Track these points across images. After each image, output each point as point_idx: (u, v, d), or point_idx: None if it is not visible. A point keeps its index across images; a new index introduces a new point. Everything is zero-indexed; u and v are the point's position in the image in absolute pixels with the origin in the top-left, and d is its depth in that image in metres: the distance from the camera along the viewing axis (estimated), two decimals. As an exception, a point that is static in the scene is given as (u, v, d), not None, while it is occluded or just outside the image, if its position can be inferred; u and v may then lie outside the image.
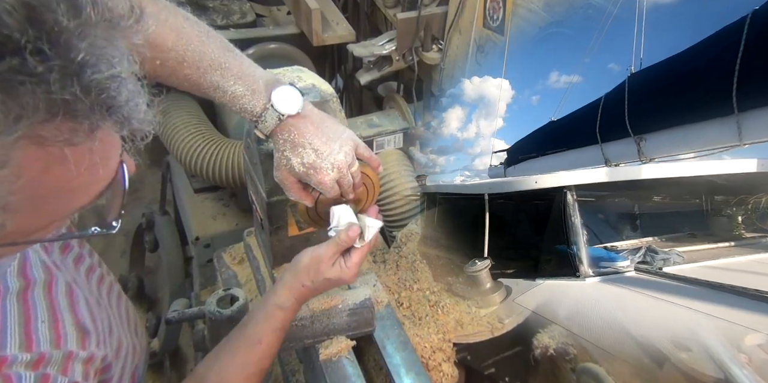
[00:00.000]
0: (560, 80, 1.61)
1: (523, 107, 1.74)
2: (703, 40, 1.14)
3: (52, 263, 0.72)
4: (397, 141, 2.05)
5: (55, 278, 0.70)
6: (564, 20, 1.49)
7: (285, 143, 0.87)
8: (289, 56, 2.03)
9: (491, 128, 1.85)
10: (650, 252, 1.43)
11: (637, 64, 1.35)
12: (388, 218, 1.96)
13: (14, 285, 0.65)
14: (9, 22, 0.33)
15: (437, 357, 1.34)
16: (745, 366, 1.01)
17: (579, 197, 1.45)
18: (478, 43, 1.75)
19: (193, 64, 0.80)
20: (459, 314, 1.46)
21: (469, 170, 1.96)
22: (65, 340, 0.65)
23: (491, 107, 1.79)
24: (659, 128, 1.29)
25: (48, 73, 0.35)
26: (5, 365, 0.56)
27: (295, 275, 0.92)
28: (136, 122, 0.43)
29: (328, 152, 0.86)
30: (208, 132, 2.07)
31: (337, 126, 0.91)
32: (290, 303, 0.91)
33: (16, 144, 0.37)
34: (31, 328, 0.62)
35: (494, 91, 1.76)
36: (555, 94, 1.64)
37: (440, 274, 1.59)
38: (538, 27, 1.53)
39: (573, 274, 1.40)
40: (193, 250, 2.15)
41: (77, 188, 0.46)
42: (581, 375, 1.35)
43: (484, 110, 1.83)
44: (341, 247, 0.91)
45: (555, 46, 1.56)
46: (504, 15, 1.61)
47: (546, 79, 1.64)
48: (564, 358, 1.41)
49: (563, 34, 1.51)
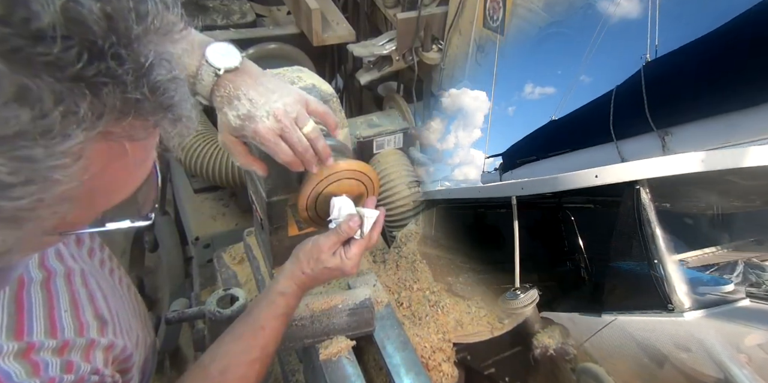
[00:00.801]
0: (535, 92, 1.63)
1: (500, 117, 1.78)
2: (744, 13, 0.98)
3: (69, 255, 0.74)
4: (397, 141, 2.05)
5: (72, 270, 0.72)
6: (564, 20, 1.49)
7: (222, 101, 0.84)
8: (289, 56, 2.03)
9: (470, 138, 1.88)
10: (753, 269, 1.09)
11: (652, 52, 1.21)
12: (388, 218, 1.96)
13: (37, 276, 0.67)
14: (96, 30, 0.38)
15: (437, 357, 1.34)
16: (745, 366, 1.00)
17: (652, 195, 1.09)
18: (478, 43, 1.75)
19: None
20: (459, 314, 1.46)
21: (449, 181, 1.96)
22: (87, 328, 0.67)
23: (469, 118, 1.81)
24: (690, 119, 1.10)
25: (125, 75, 0.40)
26: (33, 351, 0.59)
27: (296, 264, 0.94)
28: (185, 119, 0.48)
29: (263, 101, 0.83)
30: (208, 132, 2.07)
31: (281, 82, 0.88)
32: (291, 289, 0.93)
33: (92, 139, 0.41)
34: (55, 316, 0.64)
35: (472, 103, 1.78)
36: (530, 105, 1.66)
37: (440, 274, 1.58)
38: (537, 27, 1.53)
39: (662, 306, 1.03)
40: (193, 250, 2.14)
41: (128, 182, 0.50)
42: (581, 375, 1.35)
43: (462, 121, 1.86)
44: (342, 237, 0.92)
45: (555, 46, 1.56)
46: (504, 15, 1.61)
47: (521, 91, 1.67)
48: (564, 358, 1.41)
49: (563, 34, 1.51)
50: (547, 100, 1.61)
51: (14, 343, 0.58)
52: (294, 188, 1.08)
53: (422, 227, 1.80)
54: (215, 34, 2.10)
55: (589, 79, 1.46)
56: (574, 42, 1.50)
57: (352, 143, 1.86)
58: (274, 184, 1.15)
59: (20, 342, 0.59)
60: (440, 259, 1.67)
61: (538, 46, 1.58)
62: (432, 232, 1.79)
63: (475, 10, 1.71)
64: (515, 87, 1.71)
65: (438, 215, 1.86)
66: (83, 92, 0.38)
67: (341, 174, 0.95)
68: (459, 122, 1.86)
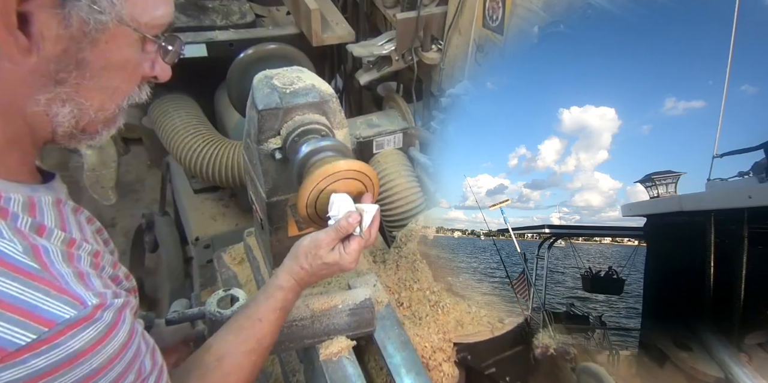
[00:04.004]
0: (678, 106, 1.38)
1: (632, 137, 1.53)
2: None
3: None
4: (397, 141, 2.05)
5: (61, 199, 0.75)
6: (563, 20, 1.48)
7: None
8: (288, 57, 2.03)
9: (594, 160, 1.66)
10: None
11: None
12: (388, 218, 1.96)
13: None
14: None
15: (437, 357, 1.34)
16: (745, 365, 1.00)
17: None
18: (477, 43, 1.75)
19: None
20: (459, 314, 1.46)
21: (568, 207, 1.76)
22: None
23: (593, 138, 1.61)
24: None
25: None
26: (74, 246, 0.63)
27: (294, 259, 0.96)
28: None
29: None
30: (207, 133, 2.07)
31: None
32: (290, 283, 0.95)
33: None
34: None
35: (596, 121, 1.57)
36: (672, 122, 1.40)
37: (440, 274, 1.58)
38: (537, 27, 1.53)
39: None
40: (193, 250, 2.15)
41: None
42: (581, 375, 1.35)
43: (584, 142, 1.66)
44: (340, 233, 0.93)
45: (554, 46, 1.54)
46: (503, 15, 1.61)
47: (660, 106, 1.42)
48: (564, 358, 1.41)
49: (562, 33, 1.50)
50: (694, 115, 1.35)
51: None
52: (294, 188, 1.08)
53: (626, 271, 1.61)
54: (215, 34, 2.10)
55: (755, 89, 1.19)
56: (573, 42, 1.48)
57: (352, 143, 1.86)
58: (274, 184, 1.15)
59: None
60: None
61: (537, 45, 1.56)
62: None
63: (475, 10, 1.72)
64: (652, 101, 1.47)
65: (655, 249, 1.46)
66: None
67: (341, 174, 0.95)
68: (581, 143, 1.67)
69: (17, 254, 0.54)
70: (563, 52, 1.52)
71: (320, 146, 1.00)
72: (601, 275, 1.89)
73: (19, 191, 0.62)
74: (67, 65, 0.61)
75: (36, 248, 0.56)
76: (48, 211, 0.64)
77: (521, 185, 1.82)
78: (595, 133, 1.58)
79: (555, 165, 1.73)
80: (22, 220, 0.59)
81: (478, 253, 2.15)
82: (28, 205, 0.62)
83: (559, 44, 1.49)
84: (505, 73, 1.70)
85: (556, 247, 1.96)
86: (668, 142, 1.46)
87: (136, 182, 3.49)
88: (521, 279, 1.73)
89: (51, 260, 0.56)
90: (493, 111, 1.79)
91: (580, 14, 1.44)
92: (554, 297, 1.91)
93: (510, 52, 1.63)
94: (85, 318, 0.55)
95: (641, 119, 1.50)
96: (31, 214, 0.61)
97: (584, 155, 1.66)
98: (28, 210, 0.61)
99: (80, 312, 0.54)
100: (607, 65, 1.50)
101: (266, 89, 1.07)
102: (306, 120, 1.07)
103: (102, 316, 0.57)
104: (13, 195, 0.61)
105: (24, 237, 0.56)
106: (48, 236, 0.60)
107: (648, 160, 1.52)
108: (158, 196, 2.62)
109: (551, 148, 1.72)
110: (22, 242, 0.56)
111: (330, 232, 0.93)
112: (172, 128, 2.06)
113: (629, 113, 1.51)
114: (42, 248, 0.57)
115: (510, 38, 1.62)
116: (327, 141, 1.01)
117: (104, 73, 0.65)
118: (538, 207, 1.80)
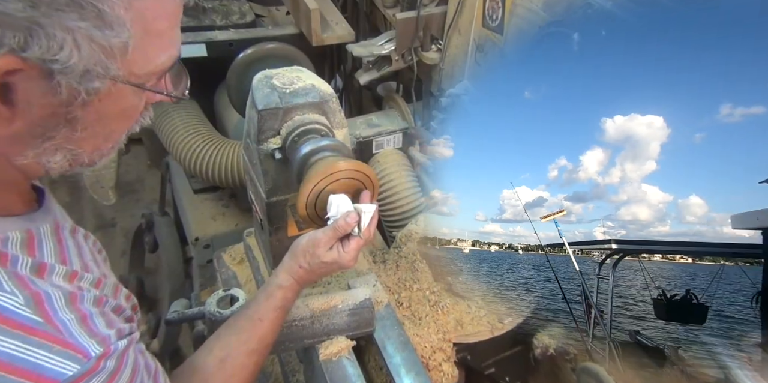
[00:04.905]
0: (735, 113, 1.28)
1: (682, 146, 1.43)
2: None
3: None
4: (397, 141, 2.05)
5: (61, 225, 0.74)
6: (563, 20, 1.48)
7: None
8: (288, 56, 2.03)
9: (641, 172, 1.55)
10: None
11: None
12: (388, 218, 1.96)
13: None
14: None
15: (437, 357, 1.34)
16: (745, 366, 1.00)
17: None
18: (477, 42, 1.75)
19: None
20: (459, 314, 1.46)
21: (613, 221, 1.64)
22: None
23: (641, 148, 1.51)
24: None
25: None
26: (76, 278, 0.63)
27: (293, 257, 0.96)
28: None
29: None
30: (207, 132, 2.07)
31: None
32: (289, 282, 0.95)
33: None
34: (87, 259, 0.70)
35: (643, 130, 1.47)
36: (729, 130, 1.29)
37: (440, 274, 1.58)
38: (537, 27, 1.52)
39: None
40: (193, 250, 2.14)
41: (167, 28, 0.60)
42: (581, 375, 1.35)
43: (630, 152, 1.56)
44: (338, 233, 0.94)
45: (554, 46, 1.53)
46: (503, 15, 1.61)
47: (716, 113, 1.32)
48: (564, 358, 1.41)
49: (562, 33, 1.49)
50: (755, 123, 1.25)
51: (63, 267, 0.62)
52: (294, 188, 1.08)
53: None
54: (215, 34, 2.10)
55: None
56: (573, 42, 1.47)
57: (352, 143, 1.86)
58: (274, 184, 1.15)
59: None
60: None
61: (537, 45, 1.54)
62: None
63: (475, 10, 1.71)
64: (705, 108, 1.37)
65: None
66: None
67: (341, 174, 0.95)
68: (627, 153, 1.57)
69: (19, 307, 0.54)
70: (598, 58, 1.42)
71: (320, 146, 1.00)
72: (678, 299, 1.67)
73: (16, 226, 0.62)
74: (56, 125, 0.57)
75: (38, 296, 0.56)
76: (47, 244, 0.64)
77: (561, 197, 1.72)
78: (642, 142, 1.50)
79: (598, 177, 1.62)
80: (22, 262, 0.58)
81: (518, 269, 2.08)
82: (26, 242, 0.61)
83: (568, 45, 1.44)
84: (542, 81, 1.61)
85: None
86: (723, 151, 1.37)
87: (136, 182, 3.49)
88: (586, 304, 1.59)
89: (54, 307, 0.56)
90: (530, 121, 1.72)
91: (580, 14, 1.44)
92: (619, 323, 1.68)
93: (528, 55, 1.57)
94: (89, 371, 0.55)
95: (694, 127, 1.40)
96: (30, 253, 0.61)
97: (630, 166, 1.56)
98: (27, 248, 0.61)
99: (83, 367, 0.55)
100: (653, 71, 1.41)
101: (266, 89, 1.07)
102: (306, 120, 1.07)
103: (105, 366, 0.57)
104: (11, 233, 0.60)
105: (25, 285, 0.56)
106: (50, 274, 0.60)
107: (701, 171, 1.43)
108: (158, 196, 2.61)
109: (594, 159, 1.62)
110: (23, 292, 0.55)
111: (328, 231, 0.94)
112: (171, 128, 2.06)
113: (680, 121, 1.42)
114: (44, 295, 0.56)
115: (510, 38, 1.61)
116: (327, 141, 1.01)
117: (98, 124, 0.60)
118: (581, 221, 1.69)
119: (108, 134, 0.64)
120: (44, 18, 0.49)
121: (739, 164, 1.34)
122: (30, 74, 0.51)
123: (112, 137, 0.65)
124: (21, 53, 0.49)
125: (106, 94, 0.57)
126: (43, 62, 0.50)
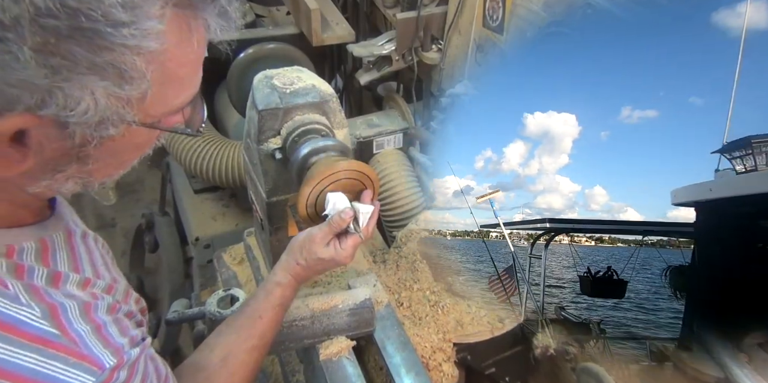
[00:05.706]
0: (633, 115, 1.44)
1: (592, 143, 1.58)
2: None
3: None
4: (397, 141, 2.05)
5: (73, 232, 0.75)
6: (563, 20, 1.49)
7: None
8: (288, 56, 2.03)
9: (556, 164, 1.71)
10: None
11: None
12: (388, 218, 1.96)
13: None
14: None
15: (437, 357, 1.34)
16: (745, 366, 1.00)
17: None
18: (477, 42, 1.75)
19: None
20: (459, 314, 1.46)
21: (530, 208, 1.80)
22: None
23: (556, 143, 1.65)
24: None
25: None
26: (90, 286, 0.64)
27: (290, 254, 0.97)
28: (227, 17, 0.57)
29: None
30: (207, 132, 2.07)
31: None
32: (287, 279, 0.96)
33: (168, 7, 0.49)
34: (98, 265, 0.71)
35: (560, 127, 1.61)
36: (628, 130, 1.46)
37: (440, 274, 1.58)
38: (537, 27, 1.53)
39: None
40: (193, 250, 2.15)
41: (189, 73, 0.58)
42: (581, 375, 1.35)
43: (548, 146, 1.70)
44: (334, 229, 0.95)
45: (554, 45, 1.55)
46: (503, 15, 1.61)
47: (618, 114, 1.47)
48: (564, 358, 1.41)
49: (562, 33, 1.50)
50: (647, 124, 1.44)
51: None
52: (294, 188, 1.08)
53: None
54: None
55: (701, 100, 1.28)
56: (573, 42, 1.48)
57: (352, 143, 1.86)
58: (274, 184, 1.15)
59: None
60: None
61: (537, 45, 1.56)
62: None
63: (475, 10, 1.71)
64: (610, 109, 1.54)
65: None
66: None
67: (341, 174, 0.96)
68: (544, 147, 1.74)
69: (36, 320, 0.55)
70: (556, 52, 1.52)
71: (320, 146, 1.00)
72: (601, 275, 1.83)
73: (31, 236, 0.63)
74: (68, 162, 0.57)
75: (54, 308, 0.57)
76: (60, 252, 0.65)
77: (487, 186, 1.89)
78: (557, 138, 1.65)
79: (519, 168, 1.81)
80: (38, 273, 0.59)
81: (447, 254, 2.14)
82: (41, 251, 0.63)
83: (558, 44, 1.50)
84: (501, 74, 1.70)
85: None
86: (624, 148, 1.53)
87: (136, 182, 3.49)
88: (507, 278, 1.69)
89: (69, 319, 0.57)
90: (462, 114, 1.82)
91: (580, 14, 1.45)
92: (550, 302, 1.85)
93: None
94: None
95: (600, 125, 1.58)
96: (45, 263, 0.62)
97: (547, 159, 1.74)
98: (41, 258, 0.62)
99: (98, 379, 0.56)
100: (571, 70, 1.55)
101: (266, 89, 1.07)
102: (306, 120, 1.07)
103: (118, 377, 0.58)
104: (26, 244, 0.61)
105: (41, 298, 0.57)
106: (64, 284, 0.61)
107: (605, 164, 1.61)
108: (158, 196, 2.61)
109: (516, 151, 1.81)
110: (40, 304, 0.56)
111: (323, 227, 0.95)
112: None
113: (589, 119, 1.57)
114: (60, 307, 0.57)
115: (510, 38, 1.62)
116: (327, 141, 1.01)
117: (110, 158, 0.60)
118: (503, 208, 1.82)
119: (120, 164, 0.64)
120: (65, 82, 0.47)
121: (635, 160, 1.54)
122: (44, 123, 0.51)
123: (124, 165, 0.65)
124: (37, 112, 0.48)
125: (120, 136, 0.56)
126: (58, 117, 0.50)
